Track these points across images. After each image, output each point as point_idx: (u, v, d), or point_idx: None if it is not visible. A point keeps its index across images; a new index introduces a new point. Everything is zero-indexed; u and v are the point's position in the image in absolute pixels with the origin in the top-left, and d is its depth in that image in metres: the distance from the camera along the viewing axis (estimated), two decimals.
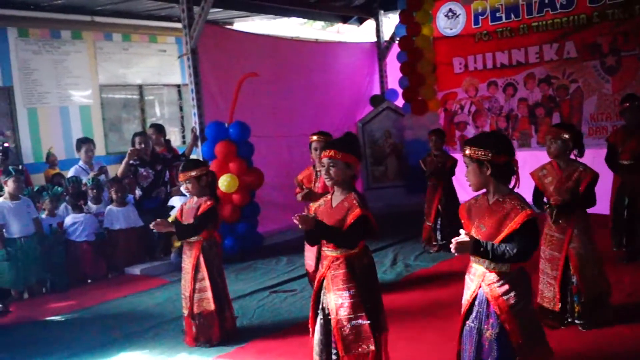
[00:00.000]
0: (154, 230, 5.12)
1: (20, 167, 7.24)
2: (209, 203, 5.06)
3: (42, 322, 6.14)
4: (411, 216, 8.84)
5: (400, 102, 10.77)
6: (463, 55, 10.38)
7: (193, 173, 5.08)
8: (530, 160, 4.66)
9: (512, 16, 9.82)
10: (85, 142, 8.58)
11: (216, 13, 11.46)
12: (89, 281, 7.57)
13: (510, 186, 3.29)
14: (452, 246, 3.19)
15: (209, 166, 5.43)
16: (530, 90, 9.76)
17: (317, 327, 3.93)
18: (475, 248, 3.16)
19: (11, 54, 10.32)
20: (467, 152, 3.26)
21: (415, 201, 9.25)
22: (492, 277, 3.22)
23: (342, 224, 3.79)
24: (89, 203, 7.89)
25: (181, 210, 5.27)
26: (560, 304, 4.67)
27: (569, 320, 4.72)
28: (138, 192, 8.19)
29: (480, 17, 10.18)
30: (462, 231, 3.25)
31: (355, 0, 11.66)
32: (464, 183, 4.77)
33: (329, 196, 4.00)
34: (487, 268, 3.24)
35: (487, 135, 3.52)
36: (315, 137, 6.07)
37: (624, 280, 5.77)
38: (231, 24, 12.78)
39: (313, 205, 4.05)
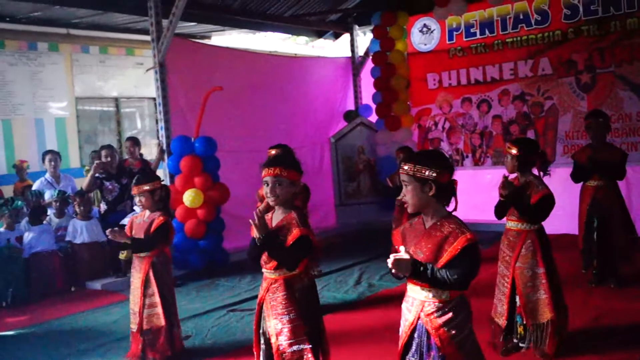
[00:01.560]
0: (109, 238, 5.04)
1: None
2: (161, 218, 4.97)
3: None
4: (383, 234, 8.68)
5: (374, 117, 10.70)
6: (437, 71, 10.32)
7: (146, 187, 5.00)
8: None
9: (487, 32, 9.77)
10: (49, 153, 8.50)
11: (192, 27, 11.43)
12: (48, 295, 7.42)
13: (450, 209, 3.08)
14: (390, 263, 2.91)
15: (162, 180, 5.33)
16: (505, 107, 9.70)
17: (261, 352, 3.79)
18: (415, 269, 2.92)
19: None
20: (408, 169, 3.01)
21: (388, 218, 9.14)
22: (431, 306, 2.99)
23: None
24: (52, 216, 7.79)
25: (131, 223, 5.16)
26: (507, 321, 4.56)
27: (515, 341, 4.60)
28: (103, 206, 8.10)
29: (454, 33, 10.13)
30: (402, 248, 3.01)
31: (330, 16, 11.62)
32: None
33: (269, 214, 3.86)
34: (425, 297, 3.01)
35: (428, 153, 3.26)
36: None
37: (590, 304, 5.65)
38: (209, 37, 12.74)
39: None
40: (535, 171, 4.66)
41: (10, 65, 10.58)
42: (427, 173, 2.97)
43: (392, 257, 2.92)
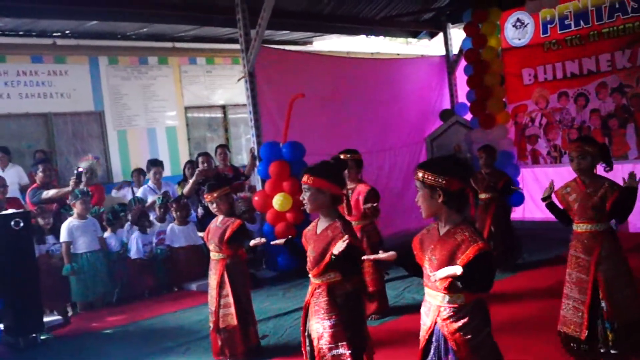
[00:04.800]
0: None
1: (86, 189, 7.81)
2: (237, 222, 5.30)
3: (94, 333, 6.61)
4: None
5: (470, 116, 10.57)
6: (532, 66, 10.03)
7: (215, 194, 5.36)
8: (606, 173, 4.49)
9: (582, 23, 9.40)
10: (154, 165, 9.09)
11: (291, 34, 11.81)
12: (148, 296, 8.01)
13: (466, 214, 3.10)
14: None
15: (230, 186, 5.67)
16: (603, 101, 9.29)
17: (307, 353, 3.97)
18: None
19: (102, 81, 11.17)
20: (420, 176, 3.07)
21: None
22: (447, 311, 3.04)
23: (326, 252, 3.78)
24: (154, 221, 8.38)
25: (208, 230, 5.53)
26: (587, 331, 4.36)
27: (602, 350, 4.41)
28: (200, 211, 8.58)
29: (549, 26, 9.82)
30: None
31: (423, 15, 11.60)
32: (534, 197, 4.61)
33: (314, 222, 4.02)
34: (441, 302, 3.06)
35: (443, 159, 3.23)
36: (341, 157, 6.19)
37: None
38: (310, 43, 13.10)
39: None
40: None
41: (124, 79, 11.44)
42: (436, 180, 3.02)
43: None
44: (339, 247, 3.62)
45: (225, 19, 9.22)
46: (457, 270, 2.85)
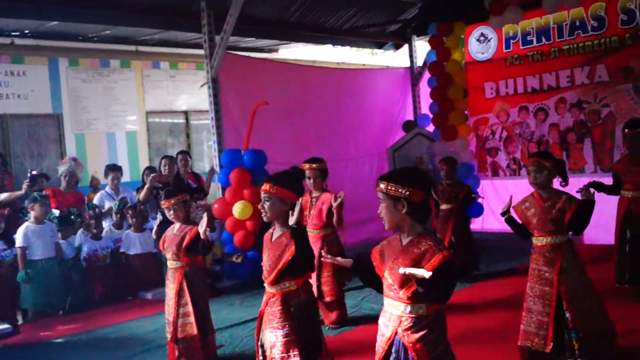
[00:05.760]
0: None
1: (43, 192, 7.62)
2: (195, 230, 5.19)
3: (45, 343, 6.37)
4: None
5: (432, 127, 10.64)
6: (494, 80, 10.18)
7: (172, 200, 5.26)
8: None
9: (543, 39, 9.57)
10: (113, 170, 8.89)
11: (257, 41, 11.75)
12: (103, 305, 7.79)
13: (426, 225, 3.14)
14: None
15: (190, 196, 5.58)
16: (562, 116, 9.46)
17: None
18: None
19: (61, 83, 10.94)
20: (383, 187, 3.08)
21: None
22: (408, 321, 3.04)
23: (279, 261, 3.80)
24: (111, 228, 8.22)
25: (164, 238, 5.42)
26: (552, 343, 4.36)
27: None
28: (159, 217, 8.42)
29: (511, 41, 9.98)
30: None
31: (390, 27, 11.67)
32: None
33: (271, 230, 4.03)
34: (402, 312, 3.06)
35: (405, 170, 3.26)
36: (307, 166, 6.16)
37: (624, 319, 5.47)
38: (276, 51, 13.07)
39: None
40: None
41: (84, 82, 11.21)
42: (399, 191, 3.03)
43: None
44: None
45: (191, 23, 9.13)
46: (425, 273, 2.85)
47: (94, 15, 8.79)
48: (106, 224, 8.25)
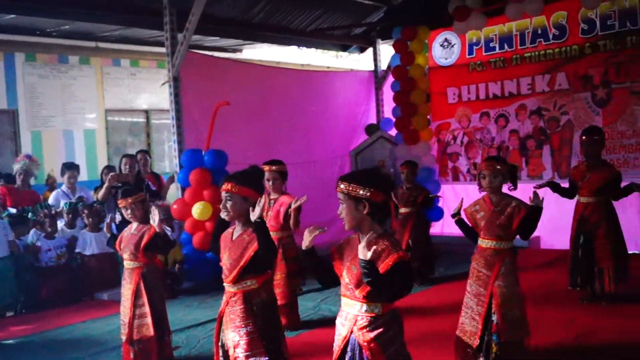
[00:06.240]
0: None
1: None
2: (153, 229, 5.10)
3: None
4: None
5: (395, 131, 10.67)
6: (457, 85, 10.26)
7: (130, 199, 5.16)
8: (521, 193, 4.55)
9: (506, 46, 9.68)
10: (69, 169, 8.71)
11: (221, 40, 11.64)
12: (57, 305, 7.60)
13: (386, 226, 3.18)
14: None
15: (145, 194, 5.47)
16: (522, 122, 9.57)
17: None
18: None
19: (17, 78, 10.68)
20: (343, 187, 3.10)
21: None
22: (364, 320, 3.07)
23: (241, 258, 3.77)
24: (63, 227, 8.03)
25: (121, 238, 5.31)
26: (478, 341, 4.49)
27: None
28: (118, 217, 8.27)
29: (474, 47, 10.06)
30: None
31: (355, 29, 11.68)
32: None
33: (230, 229, 3.99)
34: (359, 311, 3.09)
35: (366, 172, 3.30)
36: (266, 167, 6.11)
37: (576, 321, 5.60)
38: (240, 51, 12.96)
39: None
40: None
41: (41, 77, 10.98)
42: (360, 192, 3.06)
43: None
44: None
45: (152, 21, 9.01)
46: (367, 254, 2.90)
47: (53, 9, 8.59)
48: (60, 224, 8.06)
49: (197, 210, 7.88)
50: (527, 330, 4.53)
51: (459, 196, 10.24)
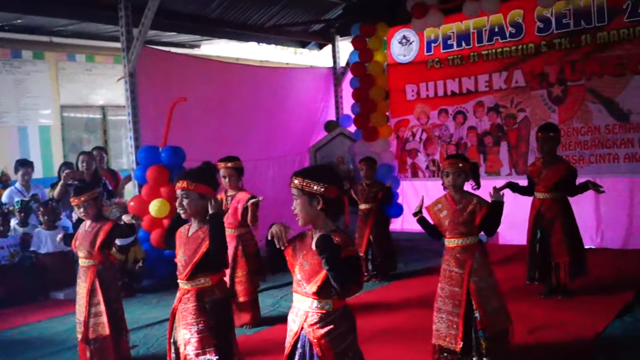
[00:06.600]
0: None
1: None
2: (110, 223, 5.04)
3: None
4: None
5: (354, 128, 10.70)
6: (415, 82, 10.31)
7: (83, 197, 5.06)
8: (480, 189, 4.57)
9: (463, 44, 9.76)
10: (23, 166, 8.53)
11: (179, 36, 11.50)
12: (12, 305, 7.44)
13: (340, 223, 3.16)
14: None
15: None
16: (480, 119, 9.67)
17: None
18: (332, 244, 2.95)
19: None
20: (297, 183, 3.09)
21: None
22: (315, 317, 3.08)
23: (194, 255, 3.78)
24: (15, 226, 7.85)
25: (76, 237, 5.21)
26: (462, 342, 4.41)
27: (474, 358, 4.49)
28: (75, 215, 8.14)
29: (432, 44, 10.12)
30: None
31: (313, 26, 11.66)
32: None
33: (186, 225, 3.98)
34: (309, 307, 3.10)
35: (320, 167, 3.39)
36: (222, 164, 6.06)
37: (532, 316, 5.66)
38: (198, 47, 12.82)
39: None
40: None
41: None
42: (314, 187, 3.06)
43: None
44: None
45: (107, 15, 8.82)
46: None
47: (3, 3, 8.35)
48: (13, 222, 7.88)
49: (155, 207, 7.78)
50: (509, 319, 4.53)
51: (418, 192, 10.34)
